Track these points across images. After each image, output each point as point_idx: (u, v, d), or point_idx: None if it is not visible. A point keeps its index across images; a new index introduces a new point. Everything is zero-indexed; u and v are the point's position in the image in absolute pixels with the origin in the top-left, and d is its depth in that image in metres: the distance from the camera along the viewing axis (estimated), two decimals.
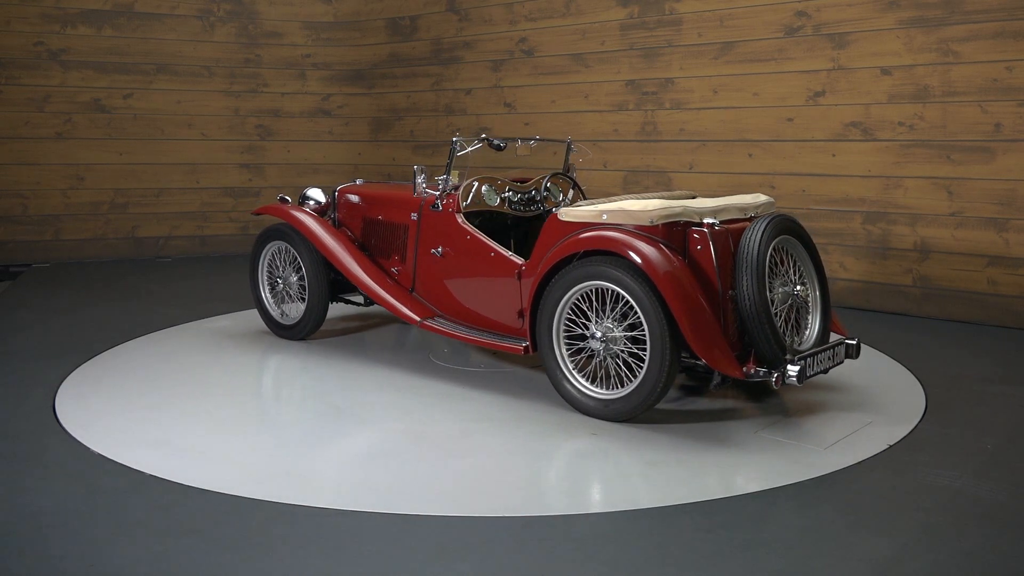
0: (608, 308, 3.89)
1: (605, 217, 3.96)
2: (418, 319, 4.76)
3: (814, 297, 4.07)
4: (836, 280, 6.52)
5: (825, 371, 3.96)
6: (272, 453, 3.55)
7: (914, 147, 6.08)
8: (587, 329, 3.94)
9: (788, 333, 3.89)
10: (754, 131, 6.79)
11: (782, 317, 3.88)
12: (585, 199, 4.97)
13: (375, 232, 5.20)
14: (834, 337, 4.14)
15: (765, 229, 3.79)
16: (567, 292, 3.97)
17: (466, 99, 8.73)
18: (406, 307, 4.85)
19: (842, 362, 4.04)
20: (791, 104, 6.59)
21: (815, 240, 6.53)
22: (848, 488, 3.21)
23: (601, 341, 3.90)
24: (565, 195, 5.19)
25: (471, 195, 4.80)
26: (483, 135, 4.97)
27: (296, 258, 5.29)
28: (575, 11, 7.78)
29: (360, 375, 4.65)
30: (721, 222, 3.88)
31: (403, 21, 9.18)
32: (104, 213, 8.65)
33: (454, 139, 4.78)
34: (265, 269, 5.50)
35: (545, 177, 5.13)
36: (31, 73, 8.29)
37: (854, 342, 4.07)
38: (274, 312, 5.48)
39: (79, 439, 3.66)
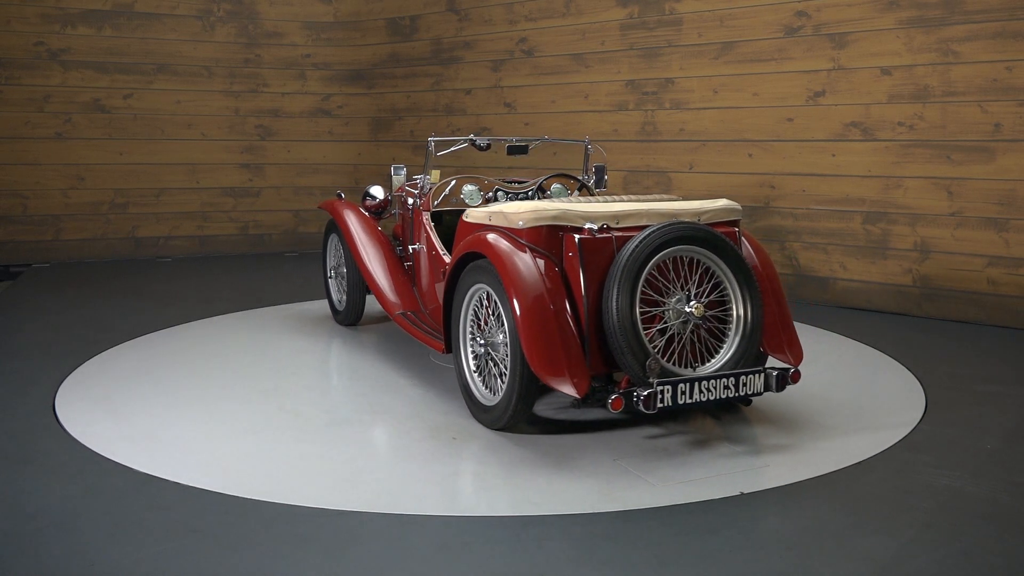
0: (492, 312, 3.80)
1: (491, 219, 3.87)
2: (396, 311, 4.95)
3: (737, 317, 3.64)
4: (836, 280, 6.53)
5: (744, 400, 3.61)
6: (272, 453, 3.54)
7: (914, 147, 6.08)
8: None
9: (668, 353, 3.52)
10: (754, 131, 6.79)
11: (667, 336, 3.54)
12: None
13: (403, 229, 5.41)
14: (779, 364, 3.75)
15: (647, 237, 3.48)
16: (467, 293, 3.92)
17: (466, 99, 8.73)
18: (390, 298, 5.04)
19: (759, 393, 3.55)
20: (791, 104, 6.60)
21: (814, 241, 6.57)
22: (848, 488, 3.21)
23: (482, 345, 3.83)
24: (572, 195, 5.21)
25: (443, 195, 4.91)
26: (471, 135, 5.03)
27: None
28: (575, 11, 7.78)
29: (353, 372, 4.69)
30: (627, 228, 3.61)
31: (403, 21, 9.18)
32: (104, 213, 8.65)
33: (430, 139, 4.89)
34: (331, 259, 5.93)
35: (542, 178, 5.15)
36: (31, 73, 8.29)
37: (776, 373, 3.55)
38: (334, 298, 5.89)
39: (79, 439, 3.66)
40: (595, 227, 3.57)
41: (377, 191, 5.69)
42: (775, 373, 3.56)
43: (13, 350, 5.11)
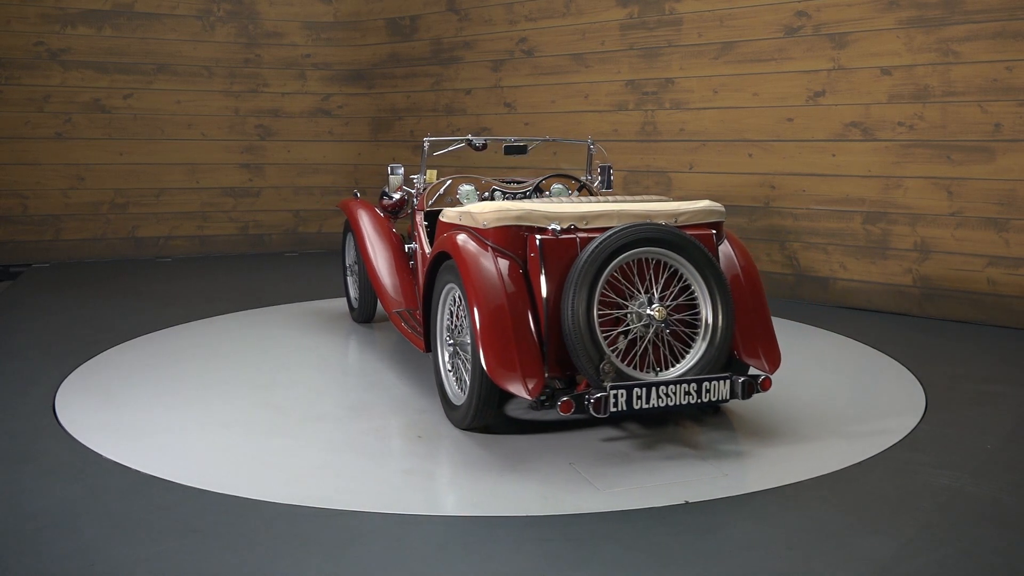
0: (463, 312, 3.78)
1: (461, 219, 3.86)
2: (393, 308, 4.98)
3: (705, 322, 3.52)
4: (836, 280, 6.53)
5: (711, 407, 3.60)
6: (272, 453, 3.55)
7: (914, 147, 6.08)
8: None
9: (630, 357, 3.45)
10: (754, 131, 6.79)
11: (628, 339, 3.47)
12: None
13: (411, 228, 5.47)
14: (754, 370, 3.67)
15: (607, 238, 3.40)
16: (442, 292, 3.91)
17: (466, 99, 8.73)
18: (389, 296, 5.06)
19: (725, 400, 3.41)
20: (791, 104, 6.60)
21: (814, 241, 6.57)
22: (848, 488, 3.21)
23: (451, 344, 3.83)
24: (572, 195, 5.21)
25: (438, 194, 4.95)
26: (468, 136, 5.04)
27: None
28: (575, 11, 7.78)
29: (348, 370, 4.69)
30: (593, 229, 3.54)
31: (403, 21, 9.18)
32: (104, 213, 8.65)
33: (425, 139, 4.93)
34: (348, 257, 5.98)
35: (541, 178, 5.16)
36: (31, 73, 8.28)
37: (742, 380, 3.42)
38: (351, 295, 5.96)
39: (79, 439, 3.66)
40: (559, 228, 3.53)
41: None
42: (741, 380, 3.43)
43: (13, 350, 5.11)
